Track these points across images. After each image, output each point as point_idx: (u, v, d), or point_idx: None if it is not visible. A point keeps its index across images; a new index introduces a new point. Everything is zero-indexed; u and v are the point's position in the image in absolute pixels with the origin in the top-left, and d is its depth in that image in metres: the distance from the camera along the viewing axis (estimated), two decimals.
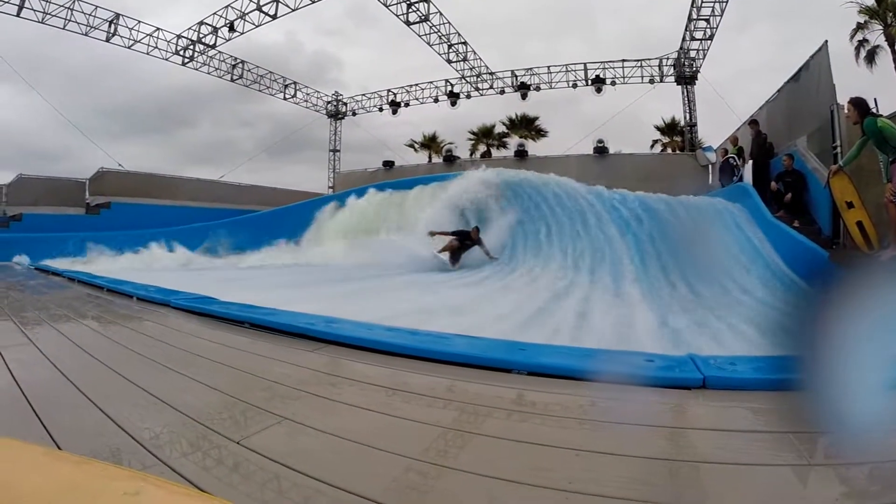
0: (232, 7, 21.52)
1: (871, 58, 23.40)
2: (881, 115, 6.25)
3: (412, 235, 11.51)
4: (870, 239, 7.20)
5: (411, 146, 33.10)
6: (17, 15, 18.61)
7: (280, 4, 21.09)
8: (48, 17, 19.30)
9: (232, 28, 22.10)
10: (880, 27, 22.88)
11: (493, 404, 2.04)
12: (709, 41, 21.04)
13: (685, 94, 23.04)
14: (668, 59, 23.18)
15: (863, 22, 23.18)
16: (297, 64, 46.10)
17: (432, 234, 10.93)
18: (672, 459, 1.50)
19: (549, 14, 38.56)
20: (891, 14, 22.35)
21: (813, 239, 7.65)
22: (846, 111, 6.42)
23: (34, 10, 18.91)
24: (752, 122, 11.76)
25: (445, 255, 10.41)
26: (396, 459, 1.48)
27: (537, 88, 25.61)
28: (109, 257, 14.13)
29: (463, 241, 10.60)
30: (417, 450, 1.54)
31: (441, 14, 22.36)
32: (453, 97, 26.78)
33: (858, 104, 6.33)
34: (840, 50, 19.93)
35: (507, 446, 1.59)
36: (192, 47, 23.35)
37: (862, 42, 23.50)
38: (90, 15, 20.21)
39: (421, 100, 27.80)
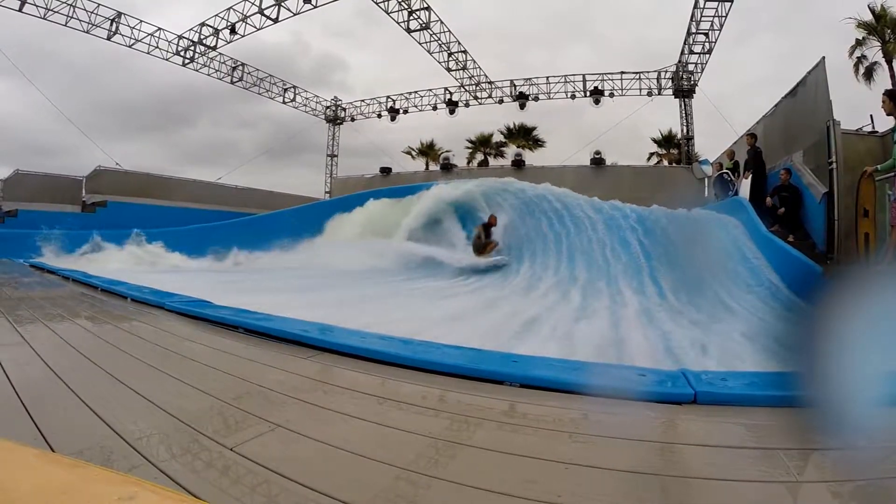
0: (234, 9, 21.56)
1: (869, 74, 23.58)
2: None
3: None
4: (869, 252, 7.25)
5: (409, 153, 33.22)
6: (20, 10, 18.61)
7: (282, 8, 21.15)
8: (50, 13, 19.32)
9: (233, 31, 22.14)
10: (878, 44, 23.05)
11: (483, 416, 2.04)
12: (707, 55, 21.20)
13: (683, 107, 23.20)
14: (666, 72, 23.36)
15: (861, 38, 23.37)
16: (303, 64, 46.14)
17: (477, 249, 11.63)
18: (662, 474, 1.50)
19: (550, 24, 38.83)
20: (889, 31, 22.51)
21: (807, 254, 7.68)
22: (881, 102, 6.25)
23: (36, 6, 18.93)
24: (751, 136, 11.77)
25: (496, 255, 11.21)
26: (386, 469, 1.48)
27: (536, 98, 25.75)
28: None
29: (488, 230, 11.65)
30: (407, 459, 1.54)
31: (442, 22, 22.47)
32: (452, 105, 26.87)
33: (895, 96, 6.27)
34: (839, 65, 20.12)
35: (497, 458, 1.60)
36: (192, 48, 23.37)
37: (860, 58, 23.68)
38: (92, 13, 20.25)
39: (420, 107, 27.93)
